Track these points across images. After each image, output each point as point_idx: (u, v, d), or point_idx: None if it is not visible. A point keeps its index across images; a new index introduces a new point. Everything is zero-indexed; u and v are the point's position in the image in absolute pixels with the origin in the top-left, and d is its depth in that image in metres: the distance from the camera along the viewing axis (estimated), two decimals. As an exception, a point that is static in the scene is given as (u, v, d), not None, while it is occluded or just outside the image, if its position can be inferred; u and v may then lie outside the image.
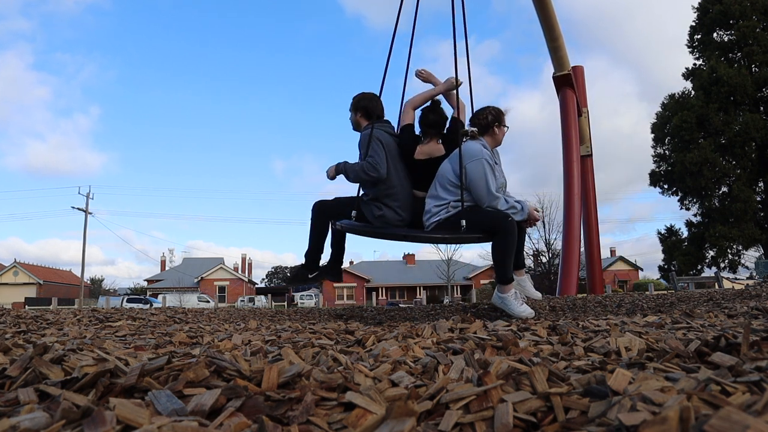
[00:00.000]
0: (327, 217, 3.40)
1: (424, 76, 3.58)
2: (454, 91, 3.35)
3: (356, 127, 3.48)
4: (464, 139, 3.14)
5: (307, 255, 3.49)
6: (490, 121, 3.15)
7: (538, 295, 3.41)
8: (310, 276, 3.49)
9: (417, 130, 3.40)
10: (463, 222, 2.90)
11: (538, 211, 3.14)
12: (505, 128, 3.24)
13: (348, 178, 3.20)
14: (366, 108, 3.37)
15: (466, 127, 3.24)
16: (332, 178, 3.35)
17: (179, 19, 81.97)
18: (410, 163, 3.27)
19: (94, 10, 79.87)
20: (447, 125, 3.37)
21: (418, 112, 3.43)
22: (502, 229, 2.91)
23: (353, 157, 3.57)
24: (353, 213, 3.20)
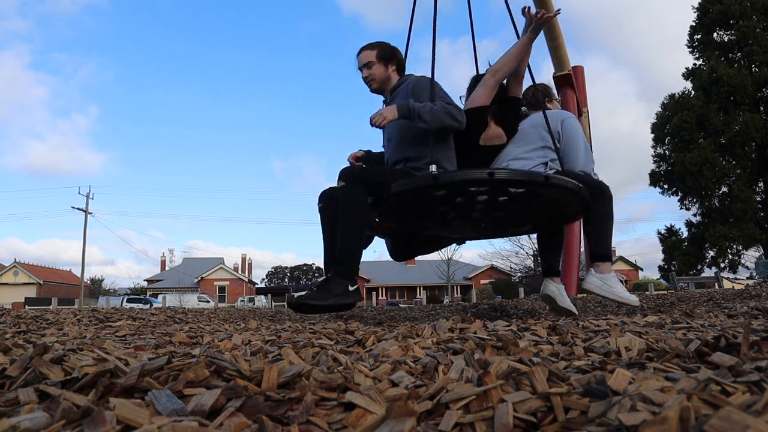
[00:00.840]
0: (368, 193, 2.33)
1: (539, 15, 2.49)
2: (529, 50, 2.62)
3: (381, 85, 2.65)
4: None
5: (342, 255, 2.28)
6: (541, 97, 2.83)
7: (573, 308, 2.66)
8: (351, 288, 2.26)
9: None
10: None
11: None
12: (557, 101, 2.97)
13: (422, 120, 2.32)
14: (401, 62, 2.69)
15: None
16: (384, 125, 2.40)
17: (177, 18, 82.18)
18: (472, 150, 2.61)
19: (92, 9, 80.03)
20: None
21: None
22: (605, 194, 2.49)
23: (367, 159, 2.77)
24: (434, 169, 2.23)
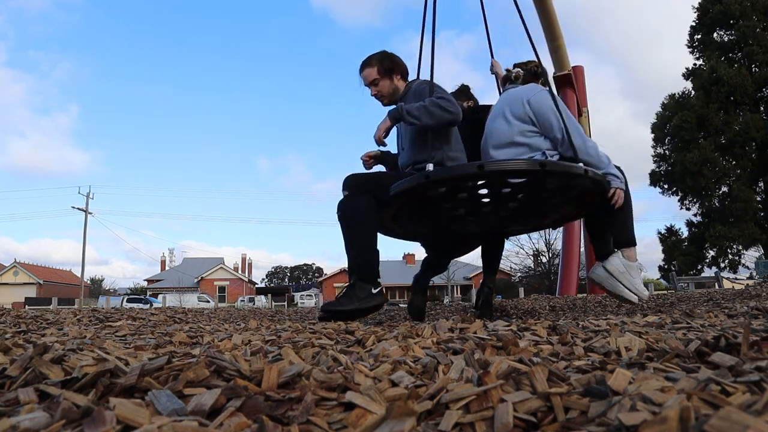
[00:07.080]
0: (375, 198, 2.37)
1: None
2: None
3: (391, 98, 2.63)
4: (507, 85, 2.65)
5: (358, 260, 2.37)
6: (540, 73, 2.65)
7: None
8: (374, 291, 2.36)
9: None
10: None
11: None
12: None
13: (420, 120, 2.29)
14: (404, 69, 2.66)
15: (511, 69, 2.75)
16: (383, 136, 2.41)
17: (153, 15, 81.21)
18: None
19: (63, 4, 78.66)
20: None
21: None
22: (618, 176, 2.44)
23: (349, 162, 3.10)
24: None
